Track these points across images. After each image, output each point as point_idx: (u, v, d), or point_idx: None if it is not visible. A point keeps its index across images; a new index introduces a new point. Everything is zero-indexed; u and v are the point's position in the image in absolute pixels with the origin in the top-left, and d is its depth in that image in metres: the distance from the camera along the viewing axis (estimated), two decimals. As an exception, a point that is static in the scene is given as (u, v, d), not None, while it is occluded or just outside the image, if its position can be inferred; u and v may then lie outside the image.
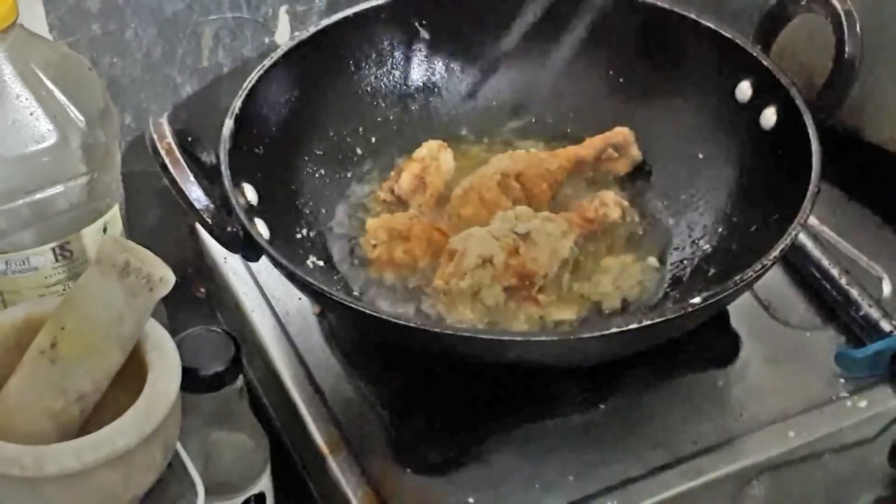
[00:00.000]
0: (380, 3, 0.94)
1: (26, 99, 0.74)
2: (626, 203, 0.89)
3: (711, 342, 0.84)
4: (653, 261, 0.87)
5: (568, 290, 0.84)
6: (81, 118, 0.75)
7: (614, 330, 0.72)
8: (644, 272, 0.87)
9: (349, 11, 0.93)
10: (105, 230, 0.80)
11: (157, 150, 0.76)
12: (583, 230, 0.86)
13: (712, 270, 0.85)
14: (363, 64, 0.95)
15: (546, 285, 0.83)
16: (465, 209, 0.88)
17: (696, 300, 0.73)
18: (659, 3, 0.93)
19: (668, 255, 0.88)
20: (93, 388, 0.65)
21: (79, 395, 0.65)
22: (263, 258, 0.78)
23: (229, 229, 0.77)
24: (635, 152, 0.93)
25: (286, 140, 0.90)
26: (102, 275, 0.63)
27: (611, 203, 0.88)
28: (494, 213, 0.86)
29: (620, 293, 0.85)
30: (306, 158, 0.91)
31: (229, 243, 0.78)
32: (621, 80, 0.95)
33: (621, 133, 0.93)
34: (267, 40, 0.99)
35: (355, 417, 0.81)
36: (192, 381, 0.69)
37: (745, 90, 0.89)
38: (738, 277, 0.74)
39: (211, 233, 0.77)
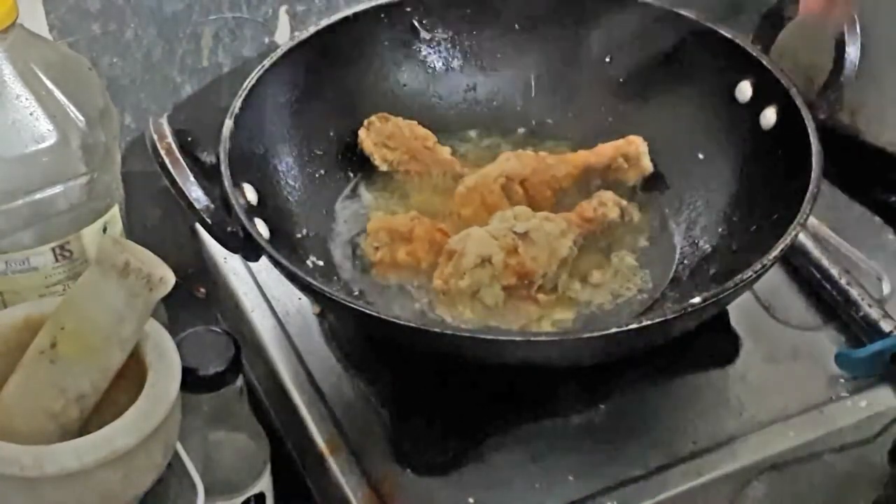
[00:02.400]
0: (380, 3, 0.94)
1: (26, 99, 0.74)
2: (624, 202, 0.89)
3: (711, 342, 0.84)
4: (631, 261, 0.87)
5: (567, 289, 0.84)
6: (81, 118, 0.75)
7: (614, 330, 0.72)
8: (641, 272, 0.87)
9: (349, 11, 0.93)
10: (105, 230, 0.80)
11: (157, 150, 0.76)
12: (582, 230, 0.86)
13: (712, 270, 0.85)
14: (363, 64, 0.95)
15: (545, 284, 0.83)
16: (466, 209, 0.88)
17: (696, 300, 0.73)
18: (659, 3, 0.93)
19: (667, 255, 0.88)
20: (93, 388, 0.65)
21: (79, 395, 0.65)
22: (263, 258, 0.78)
23: (229, 229, 0.77)
24: (646, 163, 0.92)
25: (286, 140, 0.90)
26: (102, 275, 0.63)
27: (609, 202, 0.88)
28: (489, 212, 0.86)
29: (618, 293, 0.85)
30: (307, 158, 0.91)
31: (229, 243, 0.78)
32: (621, 80, 0.95)
33: (633, 143, 0.92)
34: (267, 40, 0.99)
35: (355, 417, 0.81)
36: (192, 381, 0.69)
37: (745, 90, 0.89)
38: (738, 277, 0.74)
39: (211, 233, 0.77)
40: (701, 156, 0.91)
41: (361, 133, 0.93)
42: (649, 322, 0.71)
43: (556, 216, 0.85)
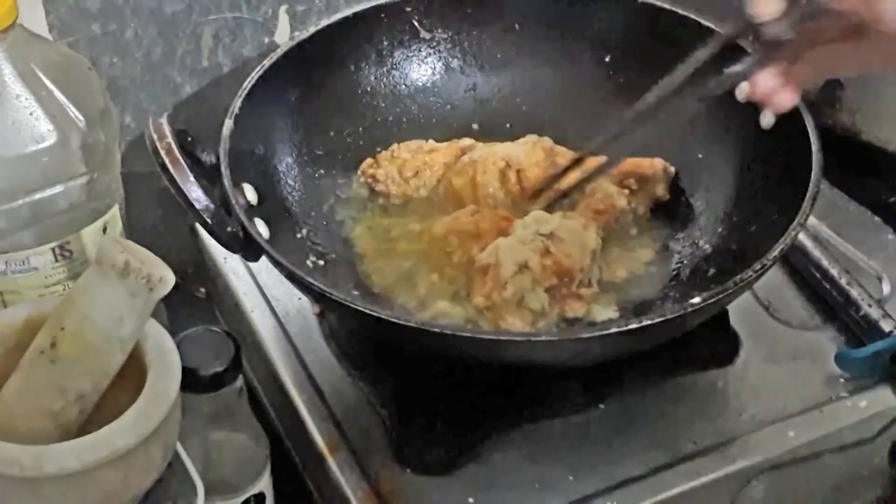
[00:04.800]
0: (380, 3, 0.94)
1: (26, 99, 0.74)
2: (626, 191, 0.89)
3: (711, 342, 0.84)
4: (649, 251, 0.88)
5: (601, 285, 0.84)
6: (81, 118, 0.75)
7: (614, 330, 0.72)
8: (649, 268, 0.87)
9: (349, 11, 0.93)
10: (105, 230, 0.80)
11: (157, 150, 0.76)
12: (597, 222, 0.86)
13: (712, 270, 0.85)
14: (363, 64, 0.95)
15: (584, 279, 0.82)
16: (458, 179, 0.89)
17: (696, 300, 0.73)
18: (659, 3, 0.92)
19: (667, 255, 0.88)
20: (93, 388, 0.65)
21: (79, 395, 0.65)
22: (263, 258, 0.78)
23: (229, 229, 0.77)
24: (661, 191, 0.90)
25: (286, 140, 0.90)
26: (102, 275, 0.63)
27: (613, 192, 0.88)
28: (477, 198, 0.88)
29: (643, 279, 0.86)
30: (306, 158, 0.91)
31: (229, 243, 0.78)
32: (621, 79, 0.95)
33: (652, 167, 0.90)
34: (267, 40, 0.99)
35: (355, 417, 0.81)
36: (192, 381, 0.69)
37: (745, 90, 0.88)
38: (738, 277, 0.74)
39: (211, 233, 0.77)
40: (701, 156, 0.91)
41: (374, 174, 0.92)
42: (649, 322, 0.71)
43: (573, 213, 0.85)
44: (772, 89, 0.72)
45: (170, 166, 0.76)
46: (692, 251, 0.88)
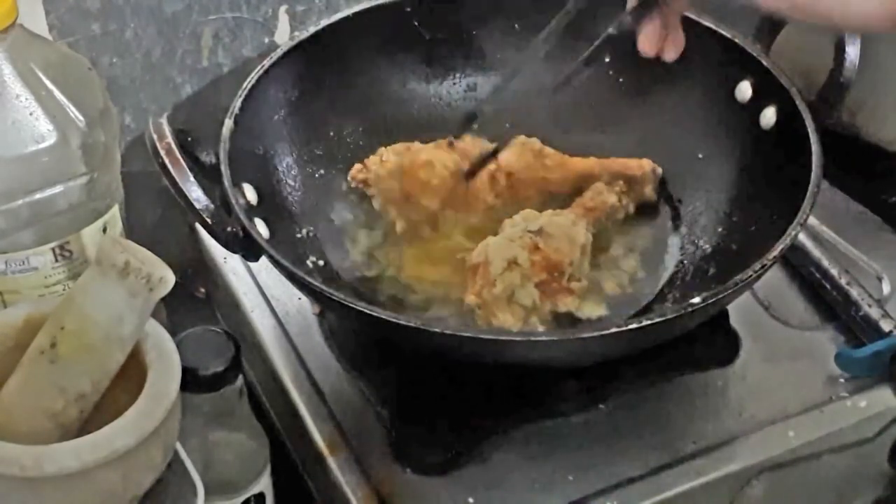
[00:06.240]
0: (380, 2, 0.94)
1: (26, 99, 0.74)
2: (617, 188, 0.89)
3: (711, 342, 0.84)
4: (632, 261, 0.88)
5: (594, 283, 0.85)
6: (81, 118, 0.75)
7: (614, 330, 0.72)
8: (641, 269, 0.87)
9: (349, 11, 0.93)
10: (105, 230, 0.80)
11: (157, 150, 0.76)
12: (588, 218, 0.86)
13: (712, 270, 0.85)
14: (363, 64, 0.95)
15: (574, 273, 0.82)
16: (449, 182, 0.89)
17: (696, 300, 0.73)
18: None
19: (667, 255, 0.88)
20: (93, 388, 0.65)
21: (79, 395, 0.65)
22: (263, 258, 0.78)
23: (229, 229, 0.77)
24: (649, 192, 0.91)
25: (286, 140, 0.90)
26: (102, 275, 0.63)
27: (604, 191, 0.88)
28: (470, 198, 0.88)
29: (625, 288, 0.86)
30: (306, 158, 0.91)
31: (229, 243, 0.78)
32: (621, 79, 0.95)
33: (640, 168, 0.90)
34: (267, 40, 0.99)
35: (355, 417, 0.81)
36: (192, 381, 0.69)
37: (745, 90, 0.89)
38: (738, 277, 0.74)
39: (211, 233, 0.77)
40: (701, 156, 0.91)
41: (365, 179, 0.92)
42: (649, 322, 0.71)
43: (562, 211, 0.86)
44: (658, 41, 0.76)
45: (170, 166, 0.76)
46: (692, 251, 0.88)
